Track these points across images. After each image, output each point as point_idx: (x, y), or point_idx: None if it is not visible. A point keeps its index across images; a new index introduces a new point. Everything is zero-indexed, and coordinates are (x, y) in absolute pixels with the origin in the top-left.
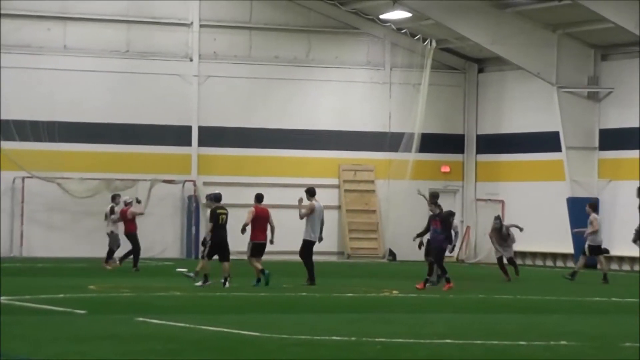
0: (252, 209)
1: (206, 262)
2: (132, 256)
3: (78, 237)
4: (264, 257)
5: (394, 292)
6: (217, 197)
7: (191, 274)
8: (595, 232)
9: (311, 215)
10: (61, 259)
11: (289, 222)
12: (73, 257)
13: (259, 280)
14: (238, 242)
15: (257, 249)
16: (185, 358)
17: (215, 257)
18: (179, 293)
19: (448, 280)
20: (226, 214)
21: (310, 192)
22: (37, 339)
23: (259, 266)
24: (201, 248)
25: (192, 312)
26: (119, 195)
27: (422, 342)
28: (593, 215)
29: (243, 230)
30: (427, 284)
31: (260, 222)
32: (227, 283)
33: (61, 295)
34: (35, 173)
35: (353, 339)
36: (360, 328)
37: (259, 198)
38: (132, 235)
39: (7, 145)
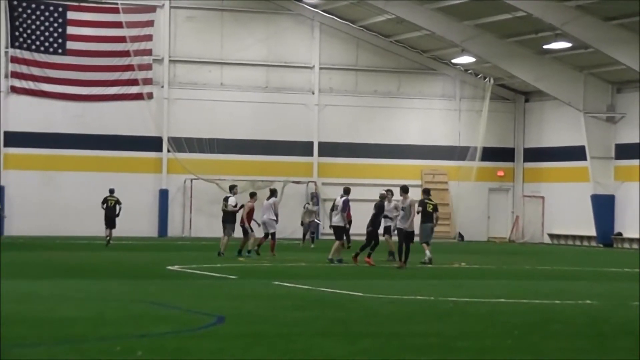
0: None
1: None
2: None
3: None
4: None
5: (462, 264)
6: (110, 190)
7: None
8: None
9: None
10: (218, 238)
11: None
12: None
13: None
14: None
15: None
16: (309, 312)
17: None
18: (304, 264)
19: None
20: (114, 200)
21: (404, 189)
22: (201, 296)
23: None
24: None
25: (313, 278)
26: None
27: (483, 300)
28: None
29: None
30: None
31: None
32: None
33: (218, 265)
34: (200, 176)
35: (432, 298)
36: (437, 290)
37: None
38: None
39: (180, 155)
